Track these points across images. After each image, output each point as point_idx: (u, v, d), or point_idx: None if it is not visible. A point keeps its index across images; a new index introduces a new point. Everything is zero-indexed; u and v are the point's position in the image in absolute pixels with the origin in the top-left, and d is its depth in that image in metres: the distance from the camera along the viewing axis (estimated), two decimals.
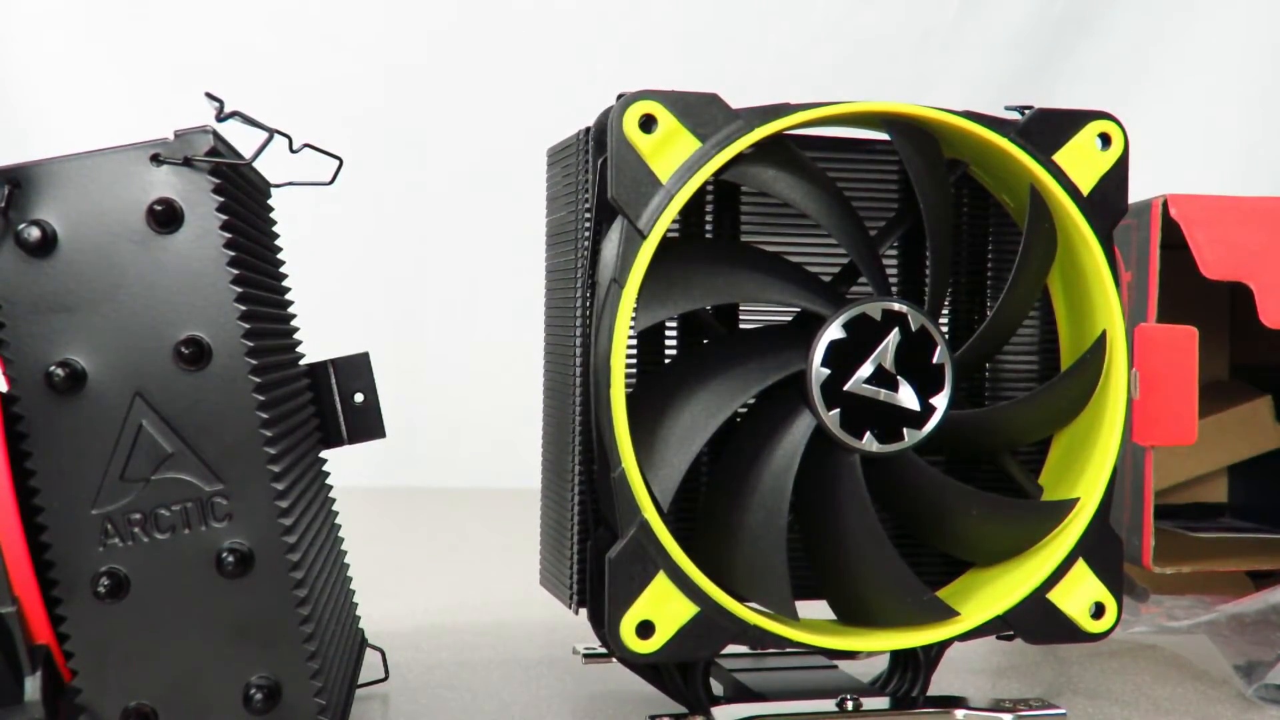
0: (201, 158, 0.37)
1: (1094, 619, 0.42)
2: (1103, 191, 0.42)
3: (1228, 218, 0.58)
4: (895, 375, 0.40)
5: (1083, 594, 0.42)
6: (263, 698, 0.36)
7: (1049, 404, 0.43)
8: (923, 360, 0.40)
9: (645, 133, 0.39)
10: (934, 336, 0.41)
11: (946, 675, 0.53)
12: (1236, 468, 0.77)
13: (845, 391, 0.40)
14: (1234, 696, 0.49)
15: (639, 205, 0.38)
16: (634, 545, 0.39)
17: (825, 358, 0.40)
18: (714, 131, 0.39)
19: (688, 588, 0.39)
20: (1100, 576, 0.42)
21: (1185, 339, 0.57)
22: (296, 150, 0.41)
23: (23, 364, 0.36)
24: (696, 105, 0.39)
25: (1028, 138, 0.42)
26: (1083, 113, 0.42)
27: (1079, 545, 0.42)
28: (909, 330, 0.40)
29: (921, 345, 0.40)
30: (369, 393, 0.47)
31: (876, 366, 0.40)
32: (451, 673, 0.52)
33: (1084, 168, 0.42)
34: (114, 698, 0.36)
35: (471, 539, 0.90)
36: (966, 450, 0.45)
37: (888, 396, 0.40)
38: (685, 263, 0.40)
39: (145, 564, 0.36)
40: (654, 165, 0.39)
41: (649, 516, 0.39)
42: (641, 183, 0.39)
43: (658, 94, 0.39)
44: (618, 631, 0.39)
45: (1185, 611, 0.54)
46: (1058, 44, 1.07)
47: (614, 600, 0.39)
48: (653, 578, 0.39)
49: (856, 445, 0.40)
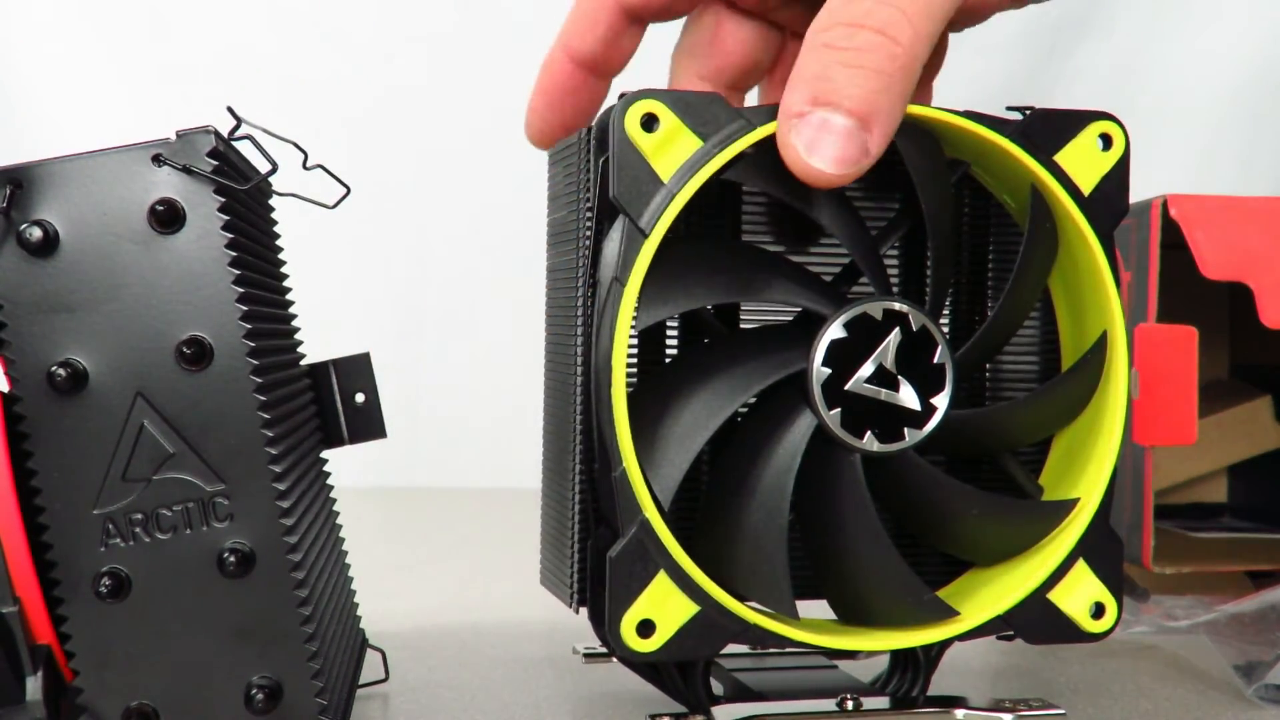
0: (198, 166, 0.37)
1: (1094, 619, 0.42)
2: (1103, 192, 0.42)
3: (1228, 218, 0.58)
4: (896, 375, 0.40)
5: (1083, 594, 0.42)
6: (264, 698, 0.36)
7: (1049, 404, 0.43)
8: (924, 360, 0.40)
9: (647, 132, 0.38)
10: (935, 336, 0.40)
11: (947, 676, 0.53)
12: (1236, 468, 0.77)
13: (846, 391, 0.40)
14: (1234, 696, 0.49)
15: (641, 204, 0.38)
16: (635, 544, 0.38)
17: (826, 357, 0.40)
18: (716, 131, 0.39)
19: (688, 587, 0.39)
20: (1100, 576, 0.42)
21: (1185, 339, 0.57)
22: (310, 168, 0.41)
23: (24, 364, 0.36)
24: (698, 105, 0.39)
25: (1029, 138, 0.42)
26: (1084, 113, 0.42)
27: (1079, 545, 0.42)
28: (910, 330, 0.40)
29: (923, 345, 0.40)
30: (370, 393, 0.47)
31: (877, 366, 0.40)
32: (451, 673, 0.52)
33: (1085, 168, 0.42)
34: (115, 697, 0.36)
35: (471, 539, 0.90)
36: (967, 450, 0.45)
37: (889, 396, 0.40)
38: (687, 262, 0.40)
39: (147, 564, 0.36)
40: (655, 164, 0.38)
41: (650, 515, 0.38)
42: (643, 182, 0.38)
43: (660, 93, 0.39)
44: (618, 630, 0.38)
45: (1185, 611, 0.54)
46: (1057, 45, 1.07)
47: (614, 599, 0.38)
48: (653, 577, 0.38)
49: (858, 445, 0.40)
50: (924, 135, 0.41)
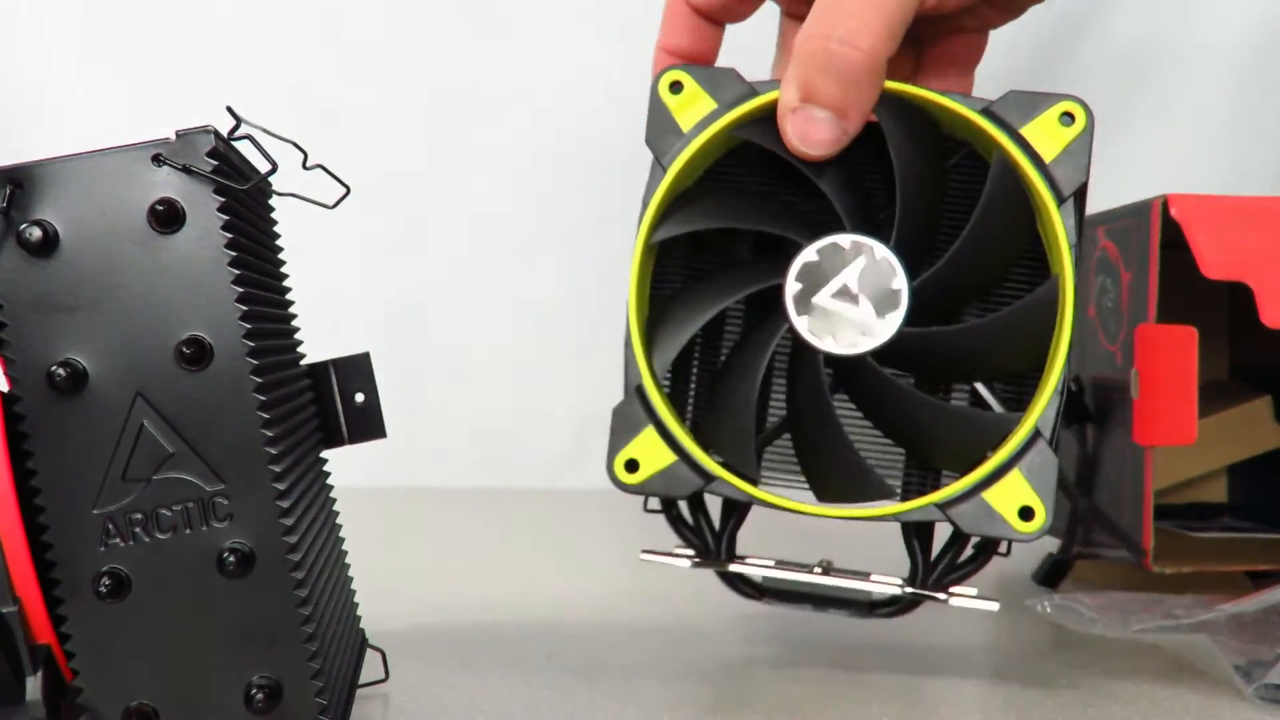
0: (198, 166, 0.37)
1: (1023, 520, 0.47)
2: (1063, 161, 0.48)
3: (1228, 218, 0.58)
4: (857, 294, 0.48)
5: (1014, 498, 0.47)
6: (264, 698, 0.37)
7: (997, 330, 0.49)
8: (884, 285, 0.48)
9: (674, 94, 0.50)
10: (894, 266, 0.48)
11: (945, 665, 0.53)
12: (1236, 468, 0.77)
13: (813, 303, 0.48)
14: (1234, 696, 0.49)
15: (664, 148, 0.49)
16: (632, 401, 0.49)
17: (799, 274, 0.48)
18: (728, 96, 0.49)
19: (668, 440, 0.49)
20: (1034, 486, 0.47)
21: (1185, 339, 0.57)
22: (310, 168, 0.41)
23: (24, 363, 0.36)
24: (715, 75, 0.50)
25: (1000, 114, 0.49)
26: (1051, 95, 0.49)
27: (1015, 456, 0.47)
28: (874, 259, 0.48)
29: (884, 273, 0.48)
30: (370, 392, 0.47)
31: (842, 285, 0.48)
32: (452, 672, 0.52)
33: (1048, 141, 0.48)
34: (115, 697, 0.36)
35: (471, 539, 0.90)
36: (932, 371, 0.52)
37: (847, 309, 0.48)
38: (697, 196, 0.51)
39: (146, 564, 0.36)
40: (679, 118, 0.50)
41: (646, 382, 0.49)
42: (667, 131, 0.50)
43: (686, 66, 0.50)
44: (611, 464, 0.49)
45: (1185, 611, 0.54)
46: (1057, 44, 1.07)
47: (613, 440, 0.49)
48: (643, 429, 0.49)
49: (819, 346, 0.48)
50: (903, 107, 0.49)
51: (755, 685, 0.51)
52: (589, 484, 1.14)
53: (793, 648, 0.57)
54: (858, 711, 0.47)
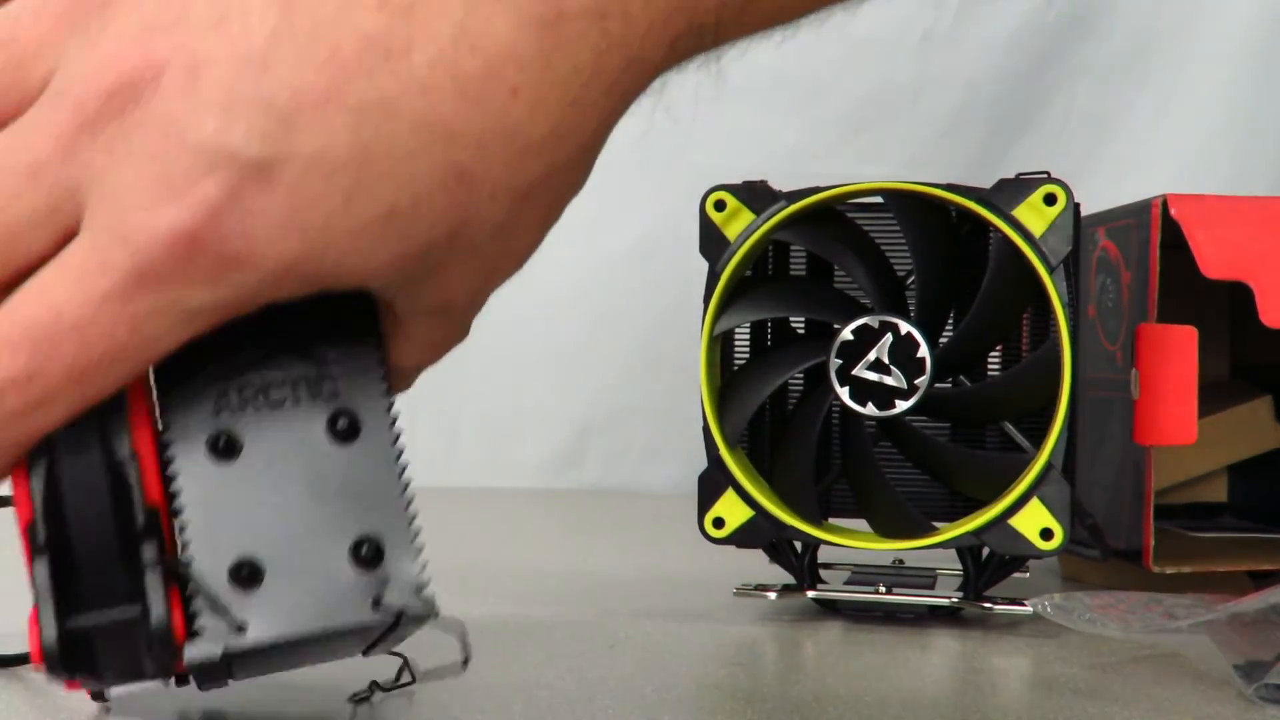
0: None
1: (1044, 540, 0.56)
2: (1050, 235, 0.55)
3: (1228, 218, 0.58)
4: (889, 365, 0.57)
5: (1036, 522, 0.56)
6: (371, 552, 0.37)
7: (1010, 385, 0.60)
8: (911, 355, 0.56)
9: (718, 211, 0.58)
10: (918, 339, 0.56)
11: (946, 665, 0.53)
12: (1236, 468, 0.77)
13: (853, 375, 0.57)
14: (1234, 696, 0.49)
15: (715, 256, 0.59)
16: (713, 469, 0.59)
17: (839, 351, 0.57)
18: (764, 207, 0.58)
19: (746, 499, 0.58)
20: (1050, 510, 0.56)
21: (1185, 339, 0.57)
22: None
23: None
24: (752, 190, 0.58)
25: (994, 200, 0.56)
26: (1034, 180, 0.56)
27: (1033, 486, 0.56)
28: (899, 335, 0.57)
29: (910, 345, 0.57)
30: None
31: (875, 358, 0.57)
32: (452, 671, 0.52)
33: (1036, 219, 0.55)
34: (222, 554, 0.36)
35: (471, 539, 0.90)
36: (959, 419, 0.61)
37: (881, 378, 0.57)
38: (749, 291, 0.60)
39: (258, 427, 0.37)
40: (725, 231, 0.59)
41: (722, 452, 0.58)
42: (717, 242, 0.59)
43: (727, 186, 0.58)
44: (701, 522, 0.59)
45: (1185, 611, 0.54)
46: (1057, 44, 1.07)
47: (701, 503, 0.59)
48: (724, 491, 0.58)
49: (861, 411, 0.57)
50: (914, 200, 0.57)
51: (756, 685, 0.51)
52: (589, 484, 1.14)
53: (793, 648, 0.57)
54: (858, 711, 0.47)
